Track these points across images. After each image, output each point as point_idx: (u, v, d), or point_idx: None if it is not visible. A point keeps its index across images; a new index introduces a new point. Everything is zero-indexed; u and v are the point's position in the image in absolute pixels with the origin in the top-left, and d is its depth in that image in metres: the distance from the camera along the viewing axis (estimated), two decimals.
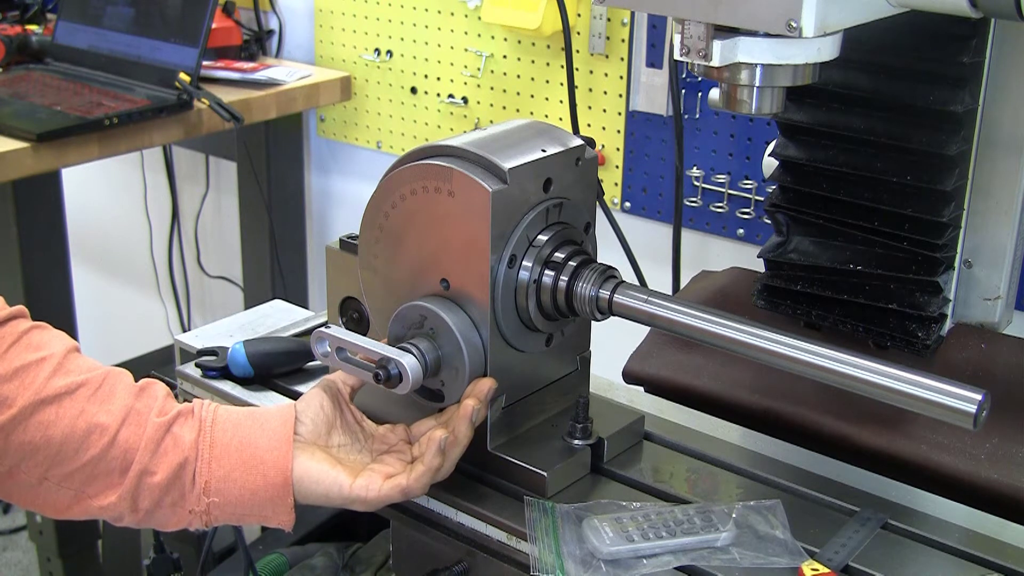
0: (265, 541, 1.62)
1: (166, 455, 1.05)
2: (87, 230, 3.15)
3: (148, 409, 1.06)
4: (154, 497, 1.05)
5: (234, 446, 1.05)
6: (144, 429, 1.05)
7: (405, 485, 1.04)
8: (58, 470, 1.04)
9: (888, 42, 1.15)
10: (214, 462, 1.05)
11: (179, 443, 1.05)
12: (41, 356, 1.05)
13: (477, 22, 2.19)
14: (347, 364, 1.09)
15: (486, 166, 1.05)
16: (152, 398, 1.07)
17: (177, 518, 1.07)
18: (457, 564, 1.11)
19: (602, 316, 1.10)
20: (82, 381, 1.05)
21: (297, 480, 1.05)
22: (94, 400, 1.05)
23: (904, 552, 1.03)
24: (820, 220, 1.27)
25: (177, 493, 1.05)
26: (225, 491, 1.05)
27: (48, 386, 1.03)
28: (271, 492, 1.04)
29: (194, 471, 1.05)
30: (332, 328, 1.09)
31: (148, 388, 1.09)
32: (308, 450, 1.06)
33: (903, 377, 0.95)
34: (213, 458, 1.05)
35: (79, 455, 1.03)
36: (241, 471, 1.05)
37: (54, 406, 1.03)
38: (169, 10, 2.24)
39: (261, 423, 1.07)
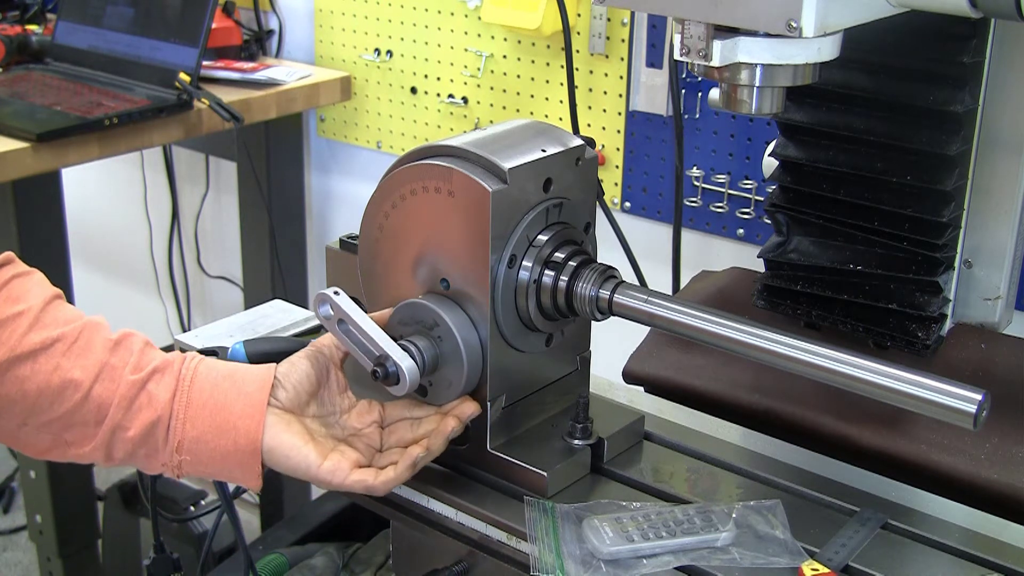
0: (265, 541, 1.62)
1: (140, 412, 1.05)
2: (87, 230, 3.15)
3: (123, 364, 1.06)
4: (127, 449, 1.07)
5: (209, 408, 1.06)
6: (118, 386, 1.05)
7: (371, 484, 1.05)
8: (35, 419, 1.06)
9: (888, 42, 1.15)
10: (188, 423, 1.06)
11: (153, 401, 1.06)
12: (18, 310, 1.06)
13: (477, 22, 2.19)
14: (346, 339, 1.08)
15: (486, 166, 1.05)
16: (128, 352, 1.08)
17: (150, 467, 1.09)
18: (457, 564, 1.11)
19: (602, 316, 1.10)
20: (58, 336, 1.06)
21: (268, 450, 1.05)
22: (69, 355, 1.05)
23: (904, 552, 1.03)
24: (820, 220, 1.27)
25: (151, 447, 1.06)
26: (197, 451, 1.06)
27: (24, 342, 1.04)
28: (240, 457, 1.05)
29: (168, 429, 1.06)
30: (341, 297, 1.08)
31: (124, 342, 1.08)
32: (284, 420, 1.06)
33: (903, 377, 0.95)
34: (187, 419, 1.06)
35: (54, 408, 1.05)
36: (213, 434, 1.05)
37: (29, 362, 1.04)
38: (169, 10, 2.24)
39: (239, 386, 1.07)
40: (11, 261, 1.10)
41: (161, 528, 1.53)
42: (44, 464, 2.24)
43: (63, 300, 1.11)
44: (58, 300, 1.10)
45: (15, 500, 3.18)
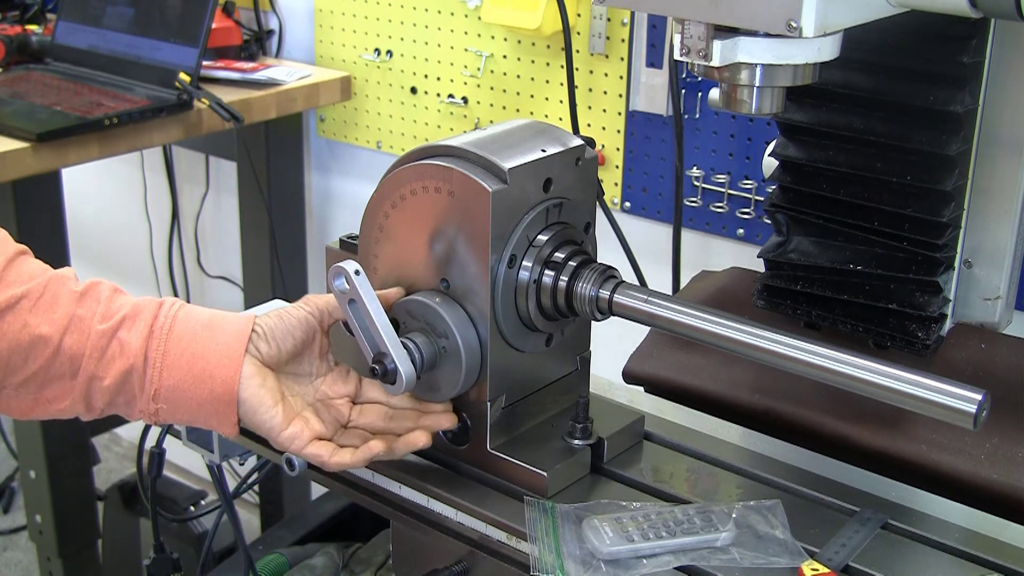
0: (265, 541, 1.62)
1: (113, 361, 1.05)
2: (87, 230, 3.15)
3: (91, 315, 1.06)
4: (106, 399, 1.07)
5: (186, 358, 1.06)
6: (88, 336, 1.05)
7: (324, 460, 1.06)
8: (12, 379, 1.05)
9: (888, 42, 1.15)
10: (165, 371, 1.06)
11: (125, 349, 1.05)
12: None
13: (477, 22, 2.19)
14: (352, 319, 1.08)
15: (486, 166, 1.05)
16: (95, 302, 1.07)
17: (131, 414, 1.09)
18: (457, 564, 1.11)
19: (602, 316, 1.10)
20: (23, 293, 1.05)
21: (240, 400, 1.06)
22: (35, 311, 1.05)
23: (904, 552, 1.04)
24: (820, 220, 1.27)
25: (127, 395, 1.07)
26: (173, 400, 1.06)
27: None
28: (216, 406, 1.06)
29: (144, 378, 1.06)
30: (360, 278, 1.07)
31: (90, 291, 1.08)
32: (260, 375, 1.07)
33: (903, 377, 0.95)
34: (164, 367, 1.06)
35: (28, 366, 1.05)
36: (190, 383, 1.06)
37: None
38: (169, 10, 2.24)
39: (216, 335, 1.07)
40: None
41: (161, 528, 1.53)
42: (44, 464, 2.24)
43: (28, 256, 1.10)
44: (22, 256, 1.09)
45: (15, 500, 3.18)
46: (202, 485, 2.47)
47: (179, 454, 1.64)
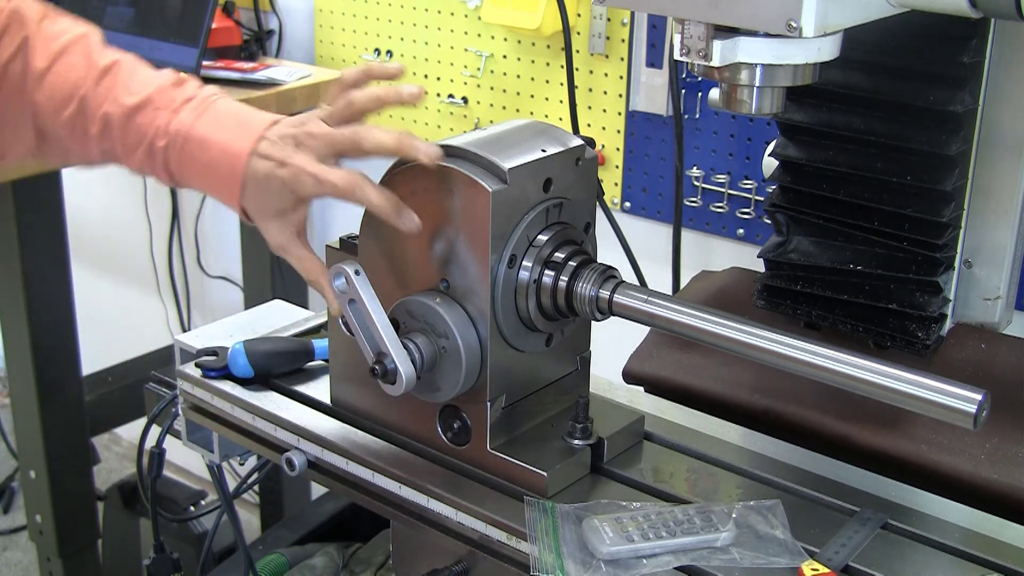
0: (265, 541, 1.62)
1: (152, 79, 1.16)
2: (87, 230, 3.15)
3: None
4: (141, 92, 1.14)
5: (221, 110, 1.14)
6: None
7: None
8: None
9: (888, 42, 1.15)
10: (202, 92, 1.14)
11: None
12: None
13: (477, 22, 2.19)
14: (352, 319, 1.08)
15: (486, 166, 1.05)
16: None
17: (144, 132, 1.13)
18: (457, 564, 1.11)
19: (602, 316, 1.10)
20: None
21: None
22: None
23: (904, 552, 1.04)
24: (820, 220, 1.27)
25: (162, 101, 1.13)
26: (200, 111, 1.13)
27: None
28: (241, 128, 1.11)
29: (179, 86, 1.15)
30: (360, 278, 1.08)
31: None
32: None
33: (903, 377, 0.95)
34: (202, 91, 1.15)
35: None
36: (221, 112, 1.13)
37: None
38: (169, 10, 2.24)
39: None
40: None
41: (161, 528, 1.53)
42: (44, 464, 2.24)
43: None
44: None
45: (15, 500, 3.18)
46: (202, 485, 2.47)
47: (179, 454, 1.63)
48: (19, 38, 1.15)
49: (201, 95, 1.15)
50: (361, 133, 1.07)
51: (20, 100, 1.15)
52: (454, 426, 1.12)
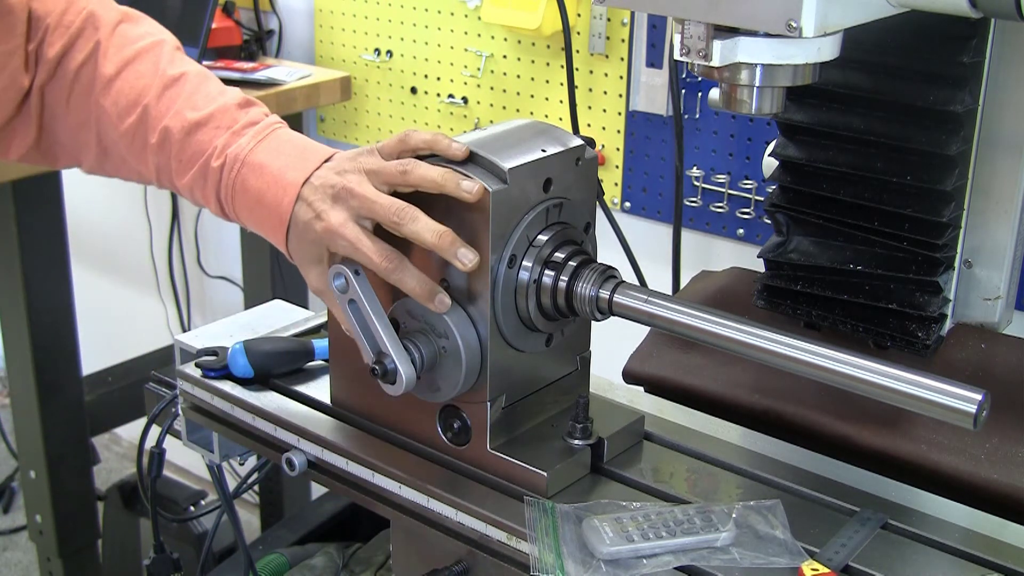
0: (265, 541, 1.62)
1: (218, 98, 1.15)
2: (87, 230, 3.15)
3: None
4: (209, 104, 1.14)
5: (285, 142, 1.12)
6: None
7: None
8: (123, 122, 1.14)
9: (888, 42, 1.15)
10: (262, 123, 1.13)
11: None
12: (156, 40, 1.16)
13: (477, 22, 2.19)
14: (351, 320, 1.08)
15: (486, 166, 1.05)
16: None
17: (203, 148, 1.12)
18: (457, 564, 1.11)
19: (602, 316, 1.10)
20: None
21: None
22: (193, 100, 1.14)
23: (904, 552, 1.03)
24: (820, 220, 1.27)
25: (218, 123, 1.12)
26: (260, 137, 1.11)
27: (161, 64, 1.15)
28: (297, 158, 1.10)
29: (239, 113, 1.13)
30: (360, 278, 1.07)
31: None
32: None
33: (903, 377, 0.95)
34: (262, 125, 1.13)
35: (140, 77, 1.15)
36: (278, 143, 1.11)
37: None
38: (169, 10, 2.24)
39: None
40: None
41: (161, 528, 1.53)
42: (44, 464, 2.24)
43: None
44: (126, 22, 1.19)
45: (15, 500, 3.18)
46: (202, 485, 2.47)
47: (179, 454, 1.63)
48: (92, 42, 1.13)
49: (265, 122, 1.13)
50: (410, 168, 1.04)
51: (87, 106, 1.14)
52: (454, 426, 1.12)
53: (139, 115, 1.12)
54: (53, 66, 1.15)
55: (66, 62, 1.15)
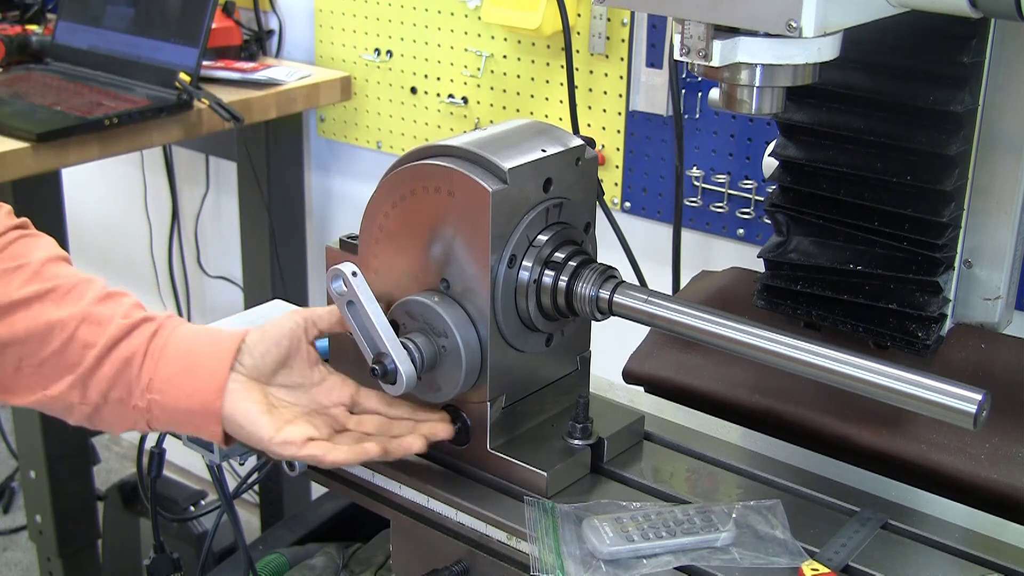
0: (265, 541, 1.62)
1: (118, 351, 1.09)
2: (87, 230, 3.15)
3: (111, 313, 1.10)
4: (101, 390, 1.09)
5: (182, 351, 1.09)
6: (106, 329, 1.09)
7: (320, 458, 1.06)
8: (29, 361, 1.09)
9: (888, 42, 1.15)
10: (161, 362, 1.08)
11: (132, 343, 1.09)
12: (19, 264, 1.11)
13: (477, 22, 2.19)
14: (351, 321, 1.08)
15: (486, 166, 1.05)
16: (117, 305, 1.12)
17: (123, 417, 1.10)
18: (457, 564, 1.11)
19: (602, 316, 1.10)
20: (52, 287, 1.11)
21: (227, 417, 1.07)
22: (61, 303, 1.10)
23: (904, 552, 1.04)
24: (820, 220, 1.27)
25: (123, 389, 1.09)
26: (166, 391, 1.08)
27: (19, 292, 1.09)
28: (204, 397, 1.07)
29: (141, 367, 1.08)
30: (358, 279, 1.07)
31: (115, 296, 1.13)
32: (245, 387, 1.08)
33: (903, 377, 0.95)
34: (161, 359, 1.08)
35: (43, 348, 1.09)
36: (183, 374, 1.08)
37: (22, 310, 1.09)
38: (169, 10, 2.24)
39: (213, 336, 1.11)
40: (26, 225, 1.17)
41: (161, 528, 1.53)
42: (44, 464, 2.24)
43: (67, 263, 1.15)
44: (62, 260, 1.15)
45: (15, 500, 3.18)
46: (202, 485, 2.47)
47: (179, 454, 1.63)
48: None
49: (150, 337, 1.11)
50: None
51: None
52: (454, 426, 1.12)
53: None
54: None
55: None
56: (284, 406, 1.10)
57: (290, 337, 1.11)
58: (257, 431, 1.06)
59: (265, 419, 1.07)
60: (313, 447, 1.06)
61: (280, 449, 1.07)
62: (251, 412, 1.07)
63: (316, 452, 1.06)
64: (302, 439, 1.06)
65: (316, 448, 1.06)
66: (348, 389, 1.13)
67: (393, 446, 1.09)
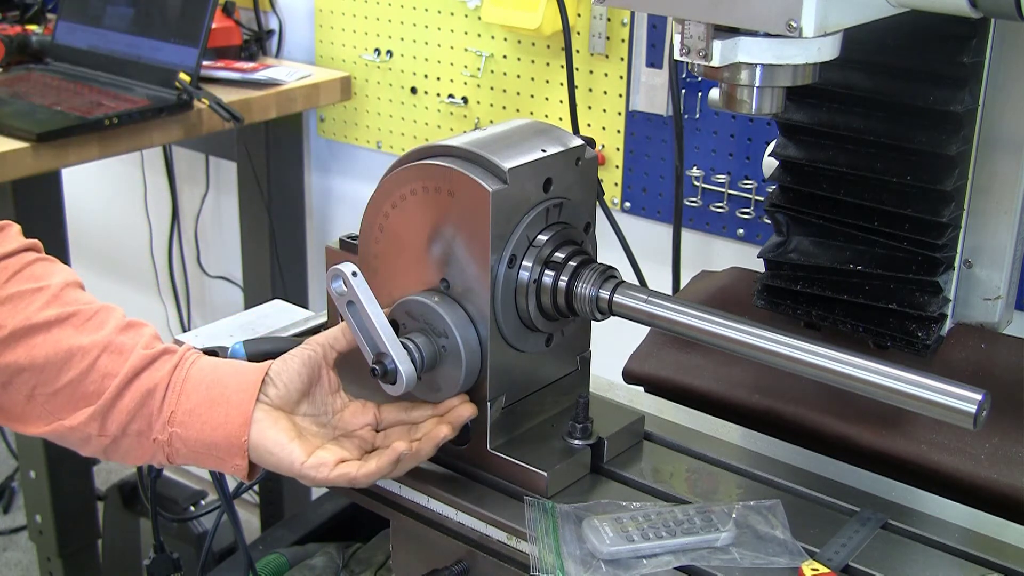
0: (265, 541, 1.62)
1: (139, 382, 1.08)
2: (87, 230, 3.15)
3: (133, 343, 1.09)
4: (121, 422, 1.08)
5: (205, 384, 1.08)
6: (127, 359, 1.08)
7: (353, 476, 1.06)
8: (43, 389, 1.08)
9: (888, 42, 1.15)
10: (183, 395, 1.07)
11: (154, 374, 1.08)
12: (39, 286, 1.10)
13: (477, 22, 2.19)
14: (351, 321, 1.08)
15: (486, 166, 1.05)
16: (139, 335, 1.11)
17: (141, 450, 1.09)
18: (457, 564, 1.11)
19: (602, 316, 1.10)
20: (74, 312, 1.10)
21: (254, 447, 1.06)
22: (83, 329, 1.09)
23: (904, 552, 1.04)
24: (820, 220, 1.27)
25: (144, 421, 1.08)
26: (188, 424, 1.07)
27: (40, 315, 1.08)
28: (229, 430, 1.06)
29: (163, 399, 1.07)
30: (358, 279, 1.07)
31: (136, 326, 1.12)
32: (272, 417, 1.07)
33: (903, 377, 0.95)
34: (183, 392, 1.08)
35: (60, 376, 1.08)
36: (206, 406, 1.07)
37: (42, 333, 1.08)
38: (169, 10, 2.24)
39: (236, 368, 1.10)
40: (38, 248, 1.16)
41: (161, 528, 1.53)
42: (44, 464, 2.24)
43: (83, 289, 1.15)
44: (78, 287, 1.14)
45: (15, 500, 3.18)
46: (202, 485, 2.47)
47: None
48: None
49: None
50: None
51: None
52: None
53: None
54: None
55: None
56: (312, 435, 1.09)
57: (311, 365, 1.10)
58: (288, 456, 1.05)
59: (296, 444, 1.06)
60: (345, 467, 1.06)
61: (313, 472, 1.05)
62: (281, 440, 1.06)
63: (348, 471, 1.05)
64: (334, 461, 1.06)
65: (348, 467, 1.06)
66: (371, 410, 1.13)
67: (422, 442, 1.07)
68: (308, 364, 1.10)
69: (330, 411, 1.12)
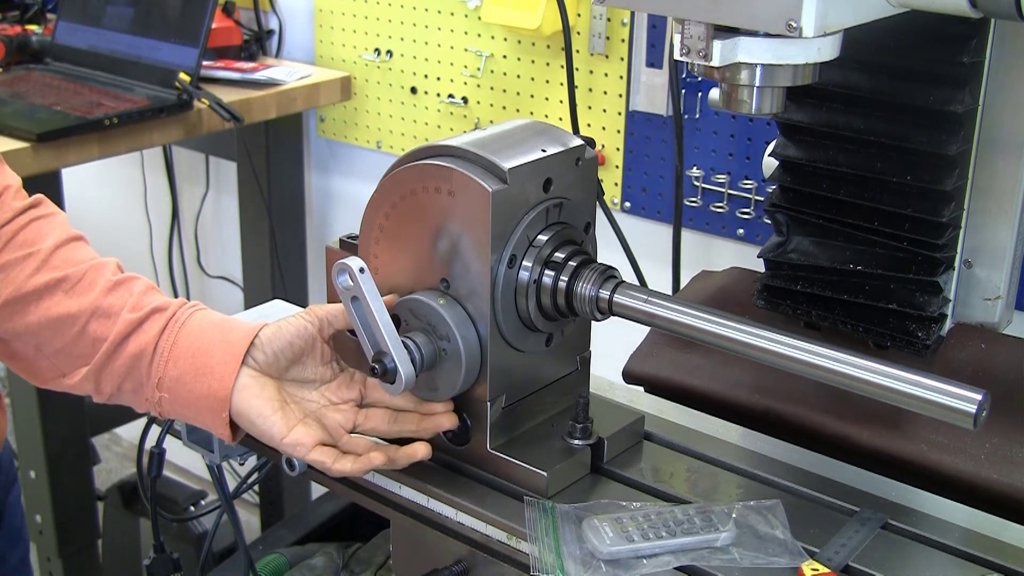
0: (265, 541, 1.62)
1: (128, 346, 1.10)
2: (87, 230, 3.14)
3: (121, 304, 1.11)
4: (114, 383, 1.11)
5: (192, 351, 1.09)
6: (115, 323, 1.10)
7: (328, 466, 1.08)
8: (45, 349, 1.12)
9: (888, 42, 1.15)
10: (171, 362, 1.09)
11: (142, 336, 1.10)
12: (28, 252, 1.12)
13: (477, 22, 2.19)
14: (354, 316, 1.08)
15: (486, 166, 1.05)
16: (127, 293, 1.12)
17: (139, 403, 1.13)
18: (457, 564, 1.11)
19: (602, 316, 1.10)
20: (63, 276, 1.12)
21: (237, 413, 1.08)
22: (71, 293, 1.11)
23: (904, 552, 1.04)
24: (820, 220, 1.27)
25: (135, 381, 1.11)
26: (175, 390, 1.09)
27: (29, 283, 1.11)
28: (211, 402, 1.08)
29: (151, 364, 1.09)
30: (365, 276, 1.06)
31: (125, 283, 1.14)
32: (258, 383, 1.08)
33: (903, 377, 0.95)
34: (171, 358, 1.09)
35: (55, 341, 1.11)
36: (191, 375, 1.09)
37: (32, 303, 1.10)
38: (169, 10, 2.24)
39: (225, 335, 1.11)
40: (38, 204, 1.18)
41: (161, 528, 1.53)
42: (44, 464, 2.24)
43: (80, 242, 1.17)
44: (74, 243, 1.16)
45: None
46: (202, 485, 2.47)
47: (179, 454, 1.63)
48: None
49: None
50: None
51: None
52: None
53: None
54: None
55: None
56: (295, 402, 1.10)
57: (304, 337, 1.11)
58: (268, 428, 1.07)
59: (277, 417, 1.07)
60: (322, 453, 1.07)
61: (290, 450, 1.08)
62: (264, 411, 1.07)
63: (324, 459, 1.07)
64: (312, 442, 1.07)
65: (324, 455, 1.07)
66: (356, 384, 1.14)
67: (399, 455, 1.09)
68: (302, 335, 1.11)
69: (317, 380, 1.13)
